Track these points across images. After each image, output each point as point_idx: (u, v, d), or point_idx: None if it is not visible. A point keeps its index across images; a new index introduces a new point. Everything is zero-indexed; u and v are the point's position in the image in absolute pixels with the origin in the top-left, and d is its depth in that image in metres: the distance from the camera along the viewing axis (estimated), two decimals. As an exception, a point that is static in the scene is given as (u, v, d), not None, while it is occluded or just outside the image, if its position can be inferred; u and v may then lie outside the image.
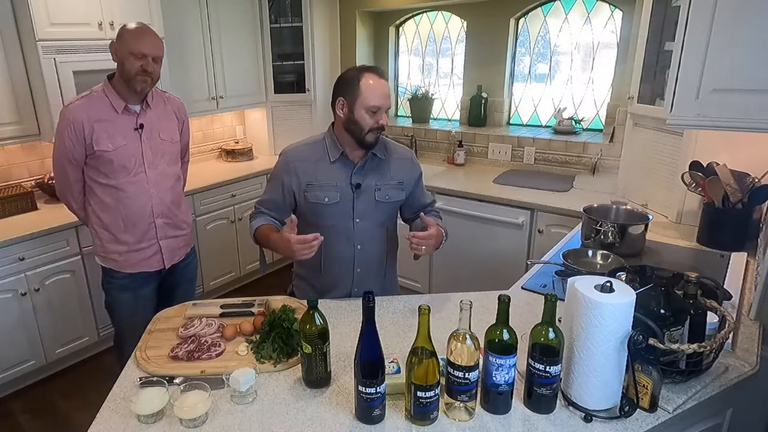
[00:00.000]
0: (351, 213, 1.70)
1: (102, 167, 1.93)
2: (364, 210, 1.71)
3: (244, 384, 1.21)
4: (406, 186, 1.77)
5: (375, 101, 1.56)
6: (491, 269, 3.08)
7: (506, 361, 1.12)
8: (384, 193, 1.72)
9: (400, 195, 1.76)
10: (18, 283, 2.54)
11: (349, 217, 1.70)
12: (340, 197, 1.68)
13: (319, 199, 1.69)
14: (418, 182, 1.82)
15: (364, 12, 4.09)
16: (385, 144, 1.75)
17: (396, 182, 1.74)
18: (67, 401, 2.65)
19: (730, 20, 1.37)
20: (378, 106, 1.57)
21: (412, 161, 1.81)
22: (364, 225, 1.72)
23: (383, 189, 1.72)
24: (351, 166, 1.68)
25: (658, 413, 1.17)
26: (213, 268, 3.50)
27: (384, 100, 1.58)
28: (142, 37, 1.85)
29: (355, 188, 1.68)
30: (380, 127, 1.61)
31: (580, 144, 3.32)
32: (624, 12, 3.19)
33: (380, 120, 1.59)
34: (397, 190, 1.75)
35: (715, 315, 1.29)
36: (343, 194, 1.68)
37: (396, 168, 1.75)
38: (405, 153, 1.81)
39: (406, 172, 1.77)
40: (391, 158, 1.75)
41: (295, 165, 1.70)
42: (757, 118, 1.38)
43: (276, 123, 4.07)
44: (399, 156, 1.77)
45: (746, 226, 2.08)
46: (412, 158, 1.81)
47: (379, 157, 1.71)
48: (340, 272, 1.76)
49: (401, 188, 1.76)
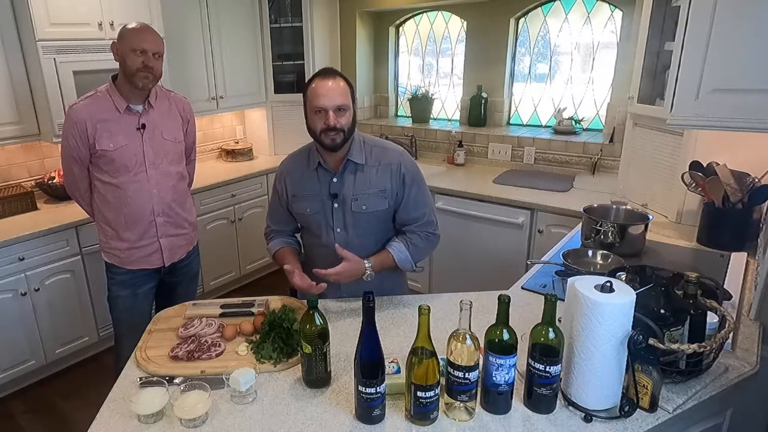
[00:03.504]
0: (331, 223, 1.67)
1: (105, 166, 1.96)
2: (342, 220, 1.66)
3: (244, 384, 1.21)
4: (390, 194, 1.65)
5: (318, 102, 1.51)
6: (491, 269, 3.08)
7: (506, 361, 1.12)
8: (361, 203, 1.63)
9: (381, 204, 1.65)
10: (18, 283, 2.54)
11: (330, 227, 1.67)
12: (320, 207, 1.66)
13: (302, 209, 1.69)
14: (402, 189, 1.66)
15: (364, 12, 4.09)
16: (371, 147, 1.66)
17: (377, 191, 1.64)
18: (67, 401, 2.65)
19: (730, 20, 1.37)
20: (321, 107, 1.50)
21: (400, 166, 1.64)
22: (345, 235, 1.66)
23: (360, 198, 1.63)
24: (330, 175, 1.65)
25: (658, 413, 1.17)
26: (213, 268, 3.50)
27: (327, 100, 1.50)
28: (142, 34, 1.87)
29: (332, 198, 1.64)
30: (330, 128, 1.51)
31: (580, 144, 3.32)
32: (624, 12, 3.19)
33: (329, 121, 1.50)
34: (378, 199, 1.64)
35: (715, 315, 1.29)
36: (323, 204, 1.66)
37: (379, 175, 1.64)
38: (392, 157, 1.66)
39: (390, 179, 1.64)
40: (375, 164, 1.64)
41: (284, 175, 1.72)
42: (757, 118, 1.38)
43: (276, 123, 4.07)
44: (385, 161, 1.65)
45: (746, 226, 2.08)
46: (400, 163, 1.65)
47: (357, 163, 1.63)
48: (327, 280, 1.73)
49: (383, 197, 1.64)
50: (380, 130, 4.12)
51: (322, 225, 1.68)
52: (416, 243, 1.70)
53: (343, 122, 1.54)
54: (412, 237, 1.70)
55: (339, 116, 1.53)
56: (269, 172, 3.74)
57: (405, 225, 1.71)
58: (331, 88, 1.51)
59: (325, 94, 1.51)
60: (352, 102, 1.58)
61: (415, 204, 1.69)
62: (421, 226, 1.71)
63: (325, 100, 1.51)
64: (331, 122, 1.51)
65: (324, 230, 1.68)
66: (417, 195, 1.68)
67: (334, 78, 1.54)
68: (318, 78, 1.54)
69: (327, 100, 1.51)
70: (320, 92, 1.51)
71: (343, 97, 1.53)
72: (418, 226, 1.70)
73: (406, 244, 1.69)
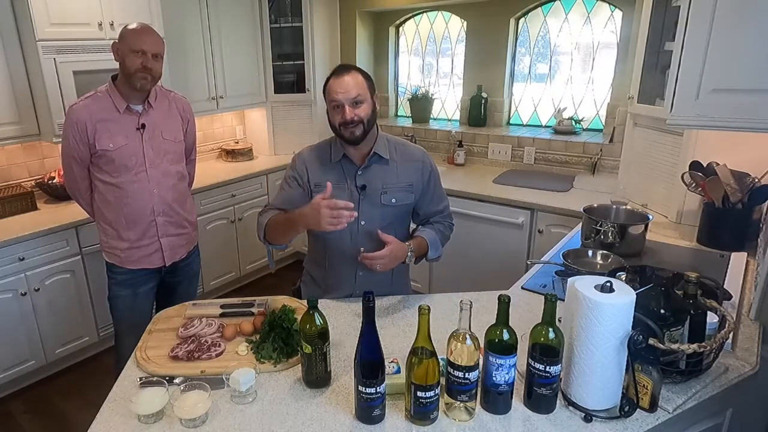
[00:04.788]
0: (356, 214, 1.68)
1: (105, 166, 1.96)
2: (369, 212, 1.69)
3: (244, 384, 1.21)
4: (415, 189, 1.73)
5: (334, 97, 1.55)
6: (491, 269, 3.08)
7: (506, 361, 1.12)
8: (390, 196, 1.69)
9: (408, 198, 1.72)
10: (18, 283, 2.54)
11: (354, 219, 1.69)
12: (347, 198, 1.66)
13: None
14: (428, 185, 1.75)
15: (364, 12, 4.09)
16: (395, 144, 1.73)
17: (405, 185, 1.71)
18: (67, 401, 2.65)
19: (730, 20, 1.37)
20: (338, 101, 1.54)
21: (424, 163, 1.74)
22: (369, 227, 1.68)
23: (389, 192, 1.69)
24: (356, 168, 1.68)
25: (658, 413, 1.17)
26: (213, 268, 3.50)
27: (342, 94, 1.53)
28: (141, 35, 1.87)
29: (360, 190, 1.67)
30: (348, 122, 1.55)
31: (580, 144, 3.32)
32: (624, 12, 3.19)
33: (345, 115, 1.54)
34: (405, 193, 1.71)
35: (715, 315, 1.29)
36: (351, 195, 1.67)
37: (405, 170, 1.71)
38: (416, 154, 1.75)
39: (416, 175, 1.72)
40: (401, 160, 1.71)
41: (306, 164, 1.72)
42: (758, 118, 1.38)
43: (276, 123, 4.07)
44: (409, 158, 1.73)
45: (746, 226, 2.08)
46: (423, 160, 1.75)
47: (383, 158, 1.68)
48: (343, 273, 1.75)
49: (410, 191, 1.72)
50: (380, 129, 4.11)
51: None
52: (443, 231, 1.81)
53: (360, 113, 1.56)
54: (437, 225, 1.80)
55: (355, 108, 1.56)
56: (269, 172, 3.74)
57: (430, 217, 1.81)
58: (345, 82, 1.54)
59: (340, 89, 1.54)
60: (372, 94, 1.61)
61: (440, 198, 1.82)
62: (445, 217, 1.84)
63: (341, 94, 1.54)
64: (348, 116, 1.55)
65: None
66: (438, 190, 1.81)
67: (350, 72, 1.56)
68: (334, 75, 1.58)
69: (342, 94, 1.54)
70: (335, 88, 1.55)
71: (358, 89, 1.55)
72: (442, 216, 1.83)
73: (435, 231, 1.77)
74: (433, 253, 1.74)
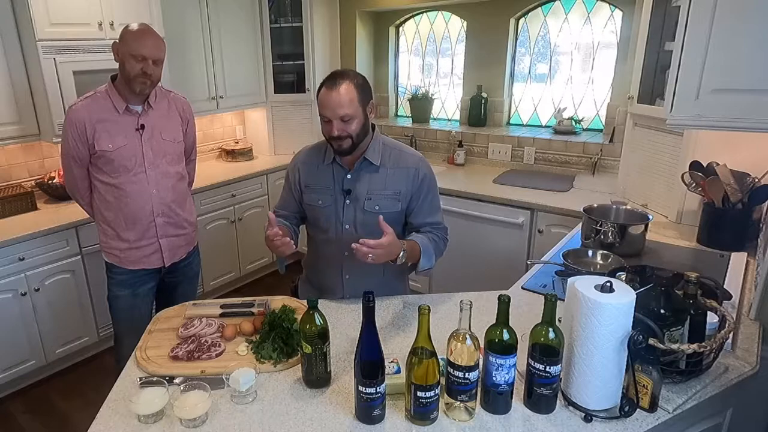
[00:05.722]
0: (341, 218, 1.67)
1: (104, 166, 1.96)
2: (352, 217, 1.67)
3: (244, 384, 1.21)
4: (403, 197, 1.67)
5: (323, 112, 1.53)
6: (491, 269, 3.08)
7: (506, 361, 1.12)
8: (374, 203, 1.65)
9: (394, 206, 1.66)
10: (18, 283, 2.54)
11: (339, 223, 1.68)
12: (331, 202, 1.67)
13: (314, 201, 1.70)
14: (418, 192, 1.67)
15: (364, 12, 4.09)
16: (391, 150, 1.69)
17: (391, 192, 1.66)
18: (67, 401, 2.65)
19: (730, 20, 1.37)
20: (326, 117, 1.52)
21: (416, 170, 1.66)
22: (353, 232, 1.66)
23: (374, 198, 1.65)
24: (345, 171, 1.67)
25: (658, 413, 1.17)
26: (213, 268, 3.50)
27: (330, 111, 1.50)
28: (142, 39, 1.85)
29: (345, 194, 1.66)
30: (335, 137, 1.53)
31: (580, 144, 3.32)
32: (624, 12, 3.19)
33: (332, 131, 1.52)
34: (391, 201, 1.66)
35: (715, 315, 1.29)
36: (336, 199, 1.67)
37: (395, 177, 1.66)
38: (410, 161, 1.68)
39: (405, 182, 1.66)
40: (392, 166, 1.66)
41: (300, 165, 1.73)
42: (757, 118, 1.38)
43: (276, 123, 4.07)
44: (402, 164, 1.67)
45: (746, 226, 2.08)
46: (416, 167, 1.67)
47: (373, 164, 1.65)
48: (330, 276, 1.75)
49: (397, 199, 1.66)
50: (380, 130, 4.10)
51: (332, 220, 1.69)
52: (437, 241, 1.71)
53: (350, 130, 1.54)
54: (431, 235, 1.70)
55: (344, 125, 1.53)
56: (269, 172, 3.74)
57: (422, 227, 1.71)
58: (334, 99, 1.50)
59: (329, 105, 1.51)
60: (365, 105, 1.56)
61: (431, 209, 1.72)
62: (439, 229, 1.74)
63: (329, 111, 1.52)
64: (335, 133, 1.53)
65: (333, 225, 1.69)
66: (433, 200, 1.73)
67: (341, 85, 1.50)
68: (325, 86, 1.53)
69: (330, 111, 1.51)
70: (325, 102, 1.52)
71: (347, 107, 1.50)
72: (436, 228, 1.73)
73: (428, 240, 1.68)
74: (426, 263, 1.65)
